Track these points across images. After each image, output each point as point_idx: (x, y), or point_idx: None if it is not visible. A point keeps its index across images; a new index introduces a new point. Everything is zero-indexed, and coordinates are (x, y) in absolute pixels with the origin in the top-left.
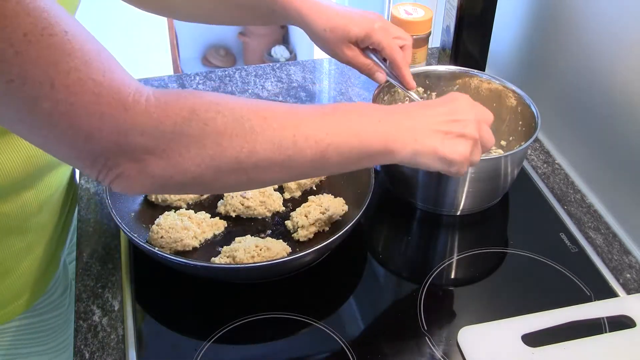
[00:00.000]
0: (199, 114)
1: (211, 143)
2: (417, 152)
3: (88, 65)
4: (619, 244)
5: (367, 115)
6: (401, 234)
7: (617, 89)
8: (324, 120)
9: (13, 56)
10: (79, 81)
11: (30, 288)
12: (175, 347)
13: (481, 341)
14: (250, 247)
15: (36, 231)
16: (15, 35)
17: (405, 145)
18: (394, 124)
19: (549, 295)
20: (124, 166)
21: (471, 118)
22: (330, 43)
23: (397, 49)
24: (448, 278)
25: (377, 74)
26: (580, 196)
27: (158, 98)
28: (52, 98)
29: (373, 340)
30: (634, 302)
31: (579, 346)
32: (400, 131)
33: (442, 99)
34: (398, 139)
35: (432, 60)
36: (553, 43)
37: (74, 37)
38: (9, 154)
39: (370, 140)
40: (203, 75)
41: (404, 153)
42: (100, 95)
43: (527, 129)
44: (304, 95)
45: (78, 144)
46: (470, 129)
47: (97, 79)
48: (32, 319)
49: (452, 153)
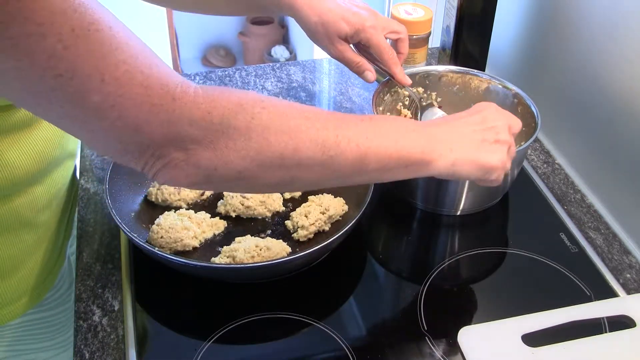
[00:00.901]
0: (245, 108)
1: (257, 137)
2: (455, 163)
3: (135, 59)
4: (619, 244)
5: (403, 126)
6: (401, 234)
7: (617, 89)
8: (364, 126)
9: (62, 51)
10: (128, 73)
11: (39, 283)
12: (175, 347)
13: (481, 341)
14: (250, 247)
15: (45, 226)
16: (63, 30)
17: (442, 156)
18: (429, 135)
19: (549, 295)
20: (171, 156)
21: (502, 124)
22: (321, 37)
23: (386, 46)
24: (448, 278)
25: (367, 72)
26: (580, 196)
27: (205, 90)
28: (102, 91)
29: (373, 340)
30: (634, 302)
31: (579, 346)
32: (436, 142)
33: (470, 110)
34: (435, 149)
35: (432, 60)
36: (553, 43)
37: (119, 32)
38: (22, 150)
39: (408, 149)
40: (203, 75)
41: (442, 164)
42: (149, 87)
43: (527, 129)
44: (304, 95)
45: (126, 136)
46: (503, 134)
47: (145, 71)
48: (39, 314)
49: (491, 160)
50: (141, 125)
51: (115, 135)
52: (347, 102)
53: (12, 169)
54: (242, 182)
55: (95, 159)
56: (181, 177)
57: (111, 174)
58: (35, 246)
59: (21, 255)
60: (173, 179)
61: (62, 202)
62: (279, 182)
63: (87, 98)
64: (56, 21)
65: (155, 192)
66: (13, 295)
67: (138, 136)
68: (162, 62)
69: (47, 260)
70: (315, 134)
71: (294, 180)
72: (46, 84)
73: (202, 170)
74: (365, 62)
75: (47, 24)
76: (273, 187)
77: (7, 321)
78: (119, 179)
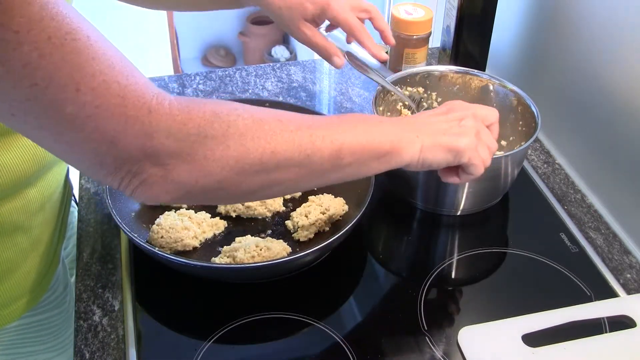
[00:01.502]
0: (221, 117)
1: (235, 144)
2: (422, 149)
3: (112, 69)
4: (619, 244)
5: (371, 121)
6: (401, 234)
7: (617, 89)
8: (334, 123)
9: (38, 59)
10: (104, 84)
11: (35, 285)
12: (175, 347)
13: (481, 341)
14: (250, 247)
15: (39, 228)
16: (40, 39)
17: (409, 143)
18: (395, 127)
19: (549, 295)
20: (148, 172)
21: (468, 113)
22: (287, 21)
23: (355, 23)
24: (448, 278)
25: (334, 57)
26: (580, 196)
27: (180, 102)
28: (77, 101)
29: (373, 340)
30: (634, 302)
31: (579, 346)
32: (402, 132)
33: (438, 107)
34: (402, 138)
35: (432, 60)
36: (553, 43)
37: (97, 42)
38: (14, 153)
39: (379, 140)
40: (203, 75)
41: (411, 152)
42: (125, 98)
43: (527, 129)
44: (304, 96)
45: (102, 149)
46: (468, 121)
47: (122, 82)
48: (34, 317)
49: (458, 142)
50: (117, 138)
51: (91, 148)
52: (347, 102)
53: (5, 172)
54: (222, 191)
55: None
56: (161, 194)
57: None
58: (30, 249)
59: (16, 258)
60: (152, 196)
61: (56, 203)
62: (259, 188)
63: (62, 108)
64: (33, 29)
65: None
66: (9, 298)
67: (114, 149)
68: (139, 73)
69: (42, 262)
70: (290, 135)
71: (273, 183)
72: (21, 93)
73: (182, 185)
74: (334, 46)
75: (24, 31)
76: (253, 193)
77: (4, 324)
78: None
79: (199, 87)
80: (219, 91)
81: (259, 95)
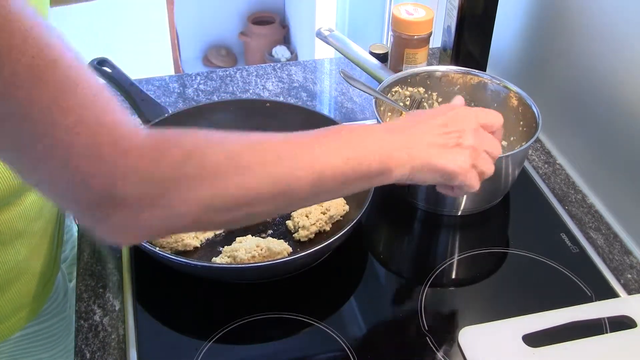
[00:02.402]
0: (194, 156)
1: (208, 185)
2: (413, 169)
3: (90, 104)
4: (619, 244)
5: (359, 136)
6: (402, 234)
7: (618, 90)
8: (316, 145)
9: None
10: (80, 120)
11: (37, 293)
12: (176, 347)
13: (482, 341)
14: (251, 247)
15: (38, 234)
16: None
17: (399, 164)
18: (388, 143)
19: (549, 296)
20: (119, 214)
21: (468, 127)
22: None
23: None
24: (449, 278)
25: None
26: (581, 196)
27: (153, 140)
28: (51, 136)
29: (374, 341)
30: (635, 302)
31: (580, 346)
32: (393, 150)
33: (437, 110)
34: (392, 157)
35: (433, 60)
36: (554, 43)
37: (78, 74)
38: None
39: (365, 161)
40: (204, 75)
41: (400, 173)
42: (99, 135)
43: (528, 130)
44: (305, 96)
45: (73, 187)
46: (466, 139)
47: (99, 119)
48: (38, 326)
49: (450, 164)
50: (89, 177)
51: (62, 186)
52: (348, 102)
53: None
54: (195, 226)
55: None
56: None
57: None
58: (31, 256)
59: (17, 266)
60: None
61: (53, 208)
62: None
63: (35, 143)
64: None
65: None
66: (12, 309)
67: (85, 189)
68: (118, 107)
69: (43, 269)
70: (268, 170)
71: (250, 216)
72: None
73: (152, 228)
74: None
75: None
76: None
77: (8, 335)
78: None
79: (200, 87)
80: (219, 91)
81: (260, 95)
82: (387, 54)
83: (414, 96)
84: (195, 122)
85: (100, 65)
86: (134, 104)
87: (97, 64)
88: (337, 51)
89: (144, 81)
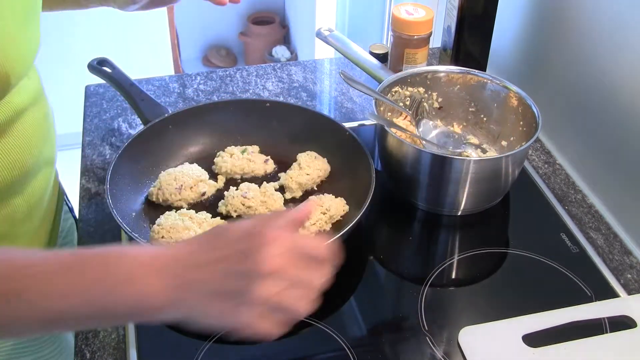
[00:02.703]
0: None
1: None
2: (186, 318)
3: None
4: (619, 244)
5: (119, 271)
6: (402, 234)
7: (618, 89)
8: (56, 280)
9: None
10: None
11: None
12: (176, 347)
13: (482, 341)
14: None
15: (26, 237)
16: None
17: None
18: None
19: (549, 296)
20: None
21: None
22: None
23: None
24: (449, 278)
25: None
26: (581, 196)
27: None
28: None
29: (374, 341)
30: (635, 302)
31: (580, 346)
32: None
33: (238, 244)
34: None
35: (433, 60)
36: (554, 43)
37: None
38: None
39: (122, 311)
40: (204, 76)
41: (170, 317)
42: None
43: (528, 129)
44: (305, 96)
45: None
46: (261, 285)
47: None
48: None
49: (232, 320)
50: None
51: None
52: (348, 102)
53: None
54: None
55: (96, 159)
56: None
57: (112, 174)
58: None
59: None
60: None
61: (46, 212)
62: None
63: None
64: None
65: (157, 192)
66: None
67: None
68: None
69: None
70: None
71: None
72: None
73: None
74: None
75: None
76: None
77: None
78: (120, 179)
79: (200, 88)
80: (219, 91)
81: (260, 95)
82: (387, 54)
83: (414, 96)
84: (195, 122)
85: (100, 65)
86: (134, 104)
87: (97, 64)
88: (337, 51)
89: (144, 81)
